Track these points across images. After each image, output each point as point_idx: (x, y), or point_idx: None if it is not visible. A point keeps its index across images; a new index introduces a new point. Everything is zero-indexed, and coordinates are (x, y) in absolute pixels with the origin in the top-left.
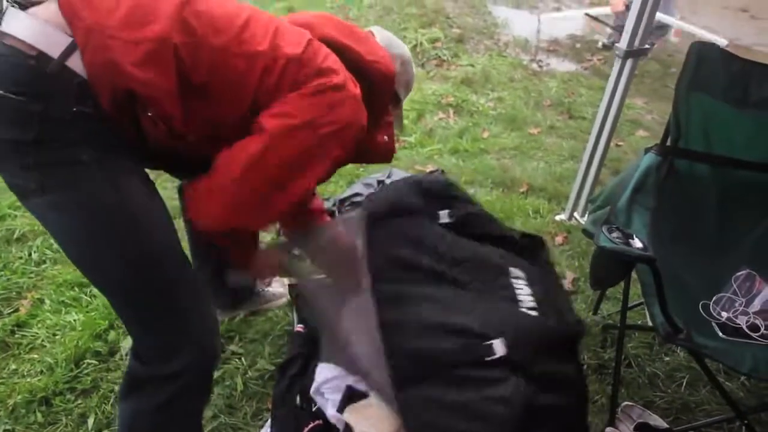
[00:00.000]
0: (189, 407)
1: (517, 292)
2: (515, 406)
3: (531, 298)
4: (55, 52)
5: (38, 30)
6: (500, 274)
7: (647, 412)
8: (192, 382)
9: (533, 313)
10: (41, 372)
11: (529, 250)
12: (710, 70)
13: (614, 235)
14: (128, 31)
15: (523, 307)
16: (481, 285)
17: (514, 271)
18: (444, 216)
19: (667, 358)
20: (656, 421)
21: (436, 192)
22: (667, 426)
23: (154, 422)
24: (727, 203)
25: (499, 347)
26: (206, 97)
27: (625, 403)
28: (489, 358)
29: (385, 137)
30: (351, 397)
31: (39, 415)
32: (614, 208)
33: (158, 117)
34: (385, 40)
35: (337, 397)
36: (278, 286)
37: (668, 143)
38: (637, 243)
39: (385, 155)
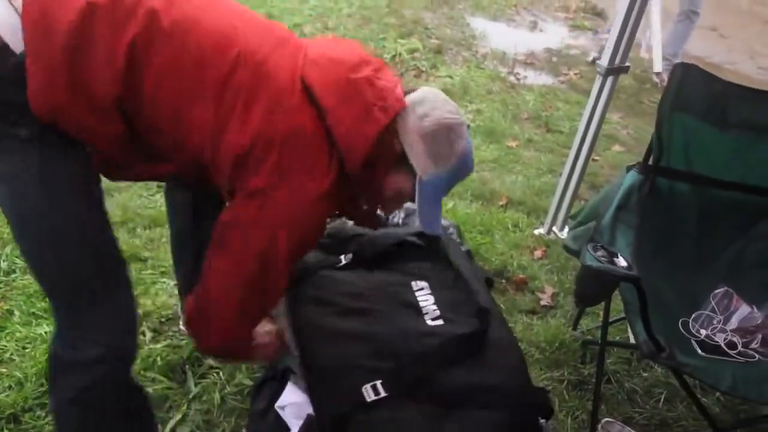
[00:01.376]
0: (104, 407)
1: (422, 304)
2: None
3: (434, 306)
4: (17, 48)
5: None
6: (403, 293)
7: (627, 428)
8: (105, 375)
9: (438, 322)
10: (9, 387)
11: (429, 249)
12: (692, 91)
13: (599, 253)
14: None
15: (428, 319)
16: (385, 308)
17: (417, 284)
18: (344, 259)
19: (645, 374)
20: None
21: (339, 239)
22: None
23: (71, 416)
24: (706, 222)
25: (370, 392)
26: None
27: (605, 419)
28: (370, 400)
29: (365, 206)
30: (310, 426)
31: None
32: (599, 225)
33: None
34: (418, 98)
35: (299, 422)
36: None
37: (650, 162)
38: (622, 261)
39: (367, 223)
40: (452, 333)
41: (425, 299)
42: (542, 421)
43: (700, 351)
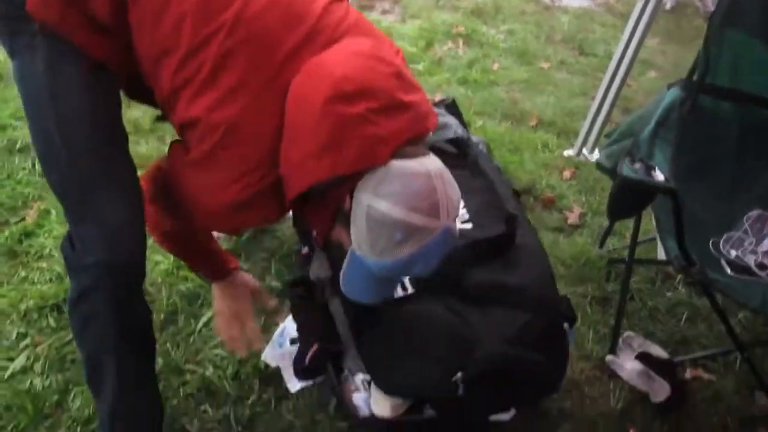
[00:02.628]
0: (99, 322)
1: None
2: (443, 334)
3: (463, 210)
4: None
5: None
6: None
7: (648, 342)
8: (99, 283)
9: (467, 225)
10: (50, 280)
11: (459, 156)
12: (748, 5)
13: (637, 166)
14: None
15: (458, 221)
16: None
17: None
18: None
19: (669, 294)
20: (657, 351)
21: None
22: (668, 356)
23: (75, 316)
24: (748, 143)
25: (398, 288)
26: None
27: (627, 333)
28: (398, 296)
29: (314, 232)
30: None
31: (51, 320)
32: (637, 139)
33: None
34: (397, 171)
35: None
36: None
37: (694, 78)
38: (659, 175)
39: (316, 241)
40: (480, 236)
41: None
42: (566, 325)
43: (729, 271)
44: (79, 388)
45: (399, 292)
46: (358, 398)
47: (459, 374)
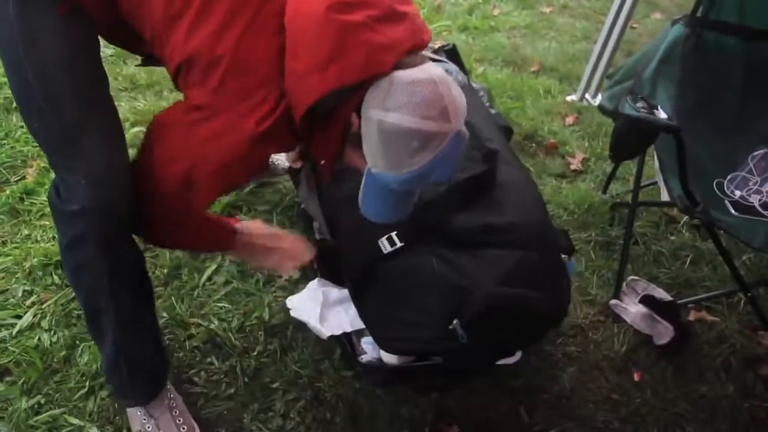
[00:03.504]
0: (92, 267)
1: None
2: (435, 284)
3: None
4: None
5: None
6: None
7: (652, 285)
8: (87, 230)
9: None
10: (53, 237)
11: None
12: None
13: (639, 104)
14: None
15: None
16: None
17: None
18: None
19: (673, 237)
20: (661, 293)
21: None
22: (671, 298)
23: (69, 264)
24: (754, 81)
25: (386, 244)
26: None
27: (631, 277)
28: (387, 251)
29: (322, 160)
30: None
31: (56, 277)
32: (639, 78)
33: None
34: (404, 80)
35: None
36: (284, 160)
37: (698, 14)
38: (662, 114)
39: (324, 176)
40: (460, 177)
41: None
42: (564, 257)
43: (733, 211)
44: (86, 343)
45: (387, 247)
46: (367, 341)
47: (455, 321)
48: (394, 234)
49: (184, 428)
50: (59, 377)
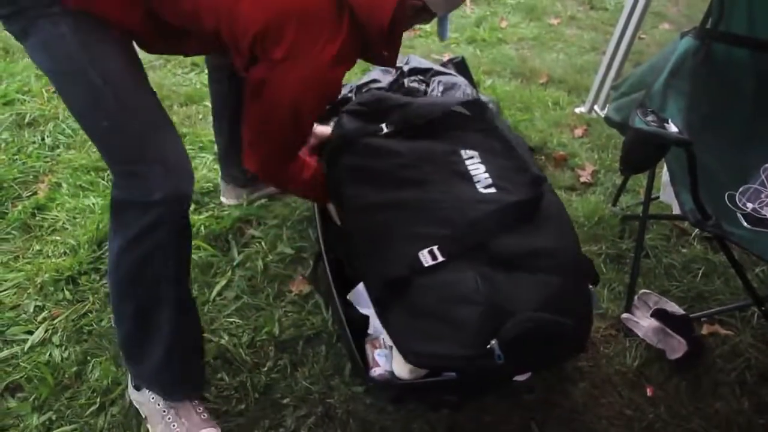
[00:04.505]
0: (162, 254)
1: (473, 173)
2: (477, 301)
3: (486, 175)
4: None
5: None
6: (452, 161)
7: (663, 299)
8: (163, 215)
9: (490, 190)
10: (65, 253)
11: (475, 119)
12: None
13: (649, 118)
14: None
15: (480, 187)
16: (436, 176)
17: (466, 152)
18: (385, 128)
19: (684, 250)
20: (672, 307)
21: (379, 109)
22: (684, 312)
23: (132, 258)
24: (764, 92)
25: (428, 257)
26: None
27: (642, 291)
28: (428, 264)
29: (385, 53)
30: None
31: (67, 292)
32: (649, 91)
33: None
34: None
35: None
36: None
37: (708, 26)
38: (673, 127)
39: (384, 64)
40: (507, 200)
41: (476, 168)
42: (591, 287)
43: (745, 223)
44: (97, 359)
45: (429, 261)
46: (380, 354)
47: (494, 341)
48: (435, 248)
49: (204, 416)
50: (70, 393)
